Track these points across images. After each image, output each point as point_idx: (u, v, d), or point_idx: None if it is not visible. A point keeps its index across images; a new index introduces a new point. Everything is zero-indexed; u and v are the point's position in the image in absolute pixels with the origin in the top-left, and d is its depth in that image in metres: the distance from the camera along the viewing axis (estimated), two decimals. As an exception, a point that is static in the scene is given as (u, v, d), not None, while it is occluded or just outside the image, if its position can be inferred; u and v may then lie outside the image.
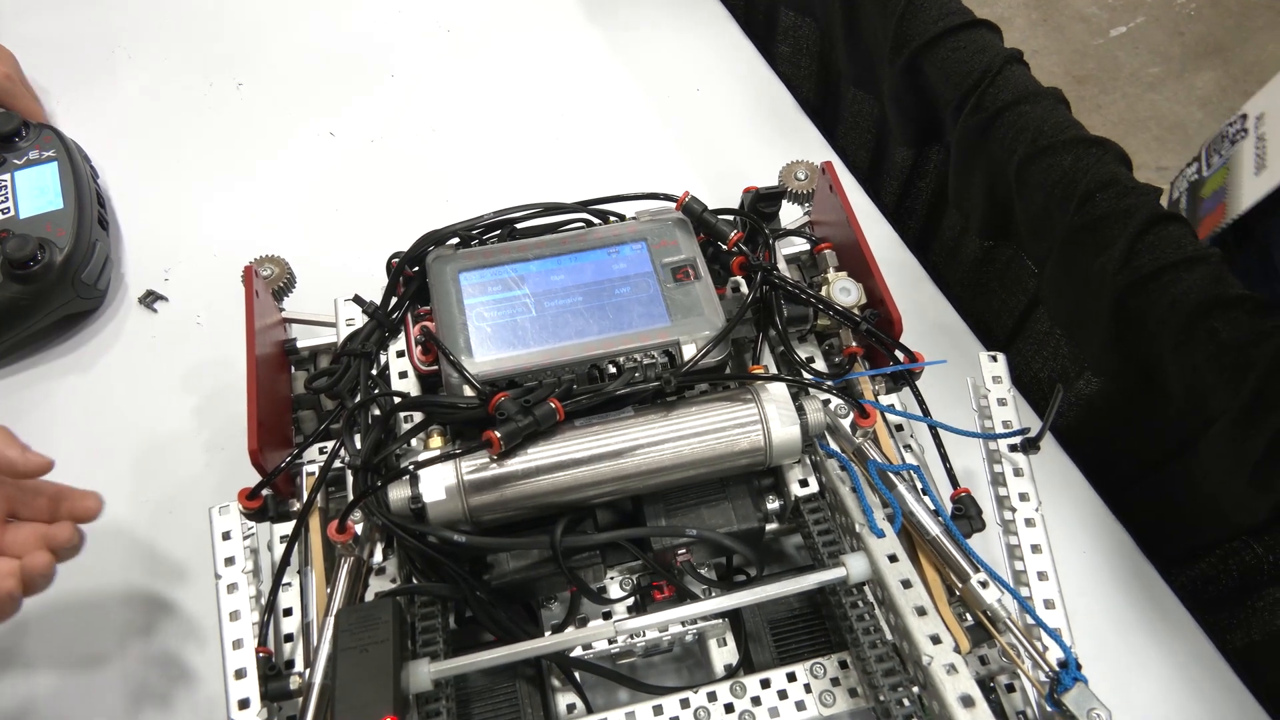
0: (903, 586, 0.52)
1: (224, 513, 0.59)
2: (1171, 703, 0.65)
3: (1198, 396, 0.63)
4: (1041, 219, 0.70)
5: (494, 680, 0.58)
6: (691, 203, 0.64)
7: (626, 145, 0.95)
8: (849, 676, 0.55)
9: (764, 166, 0.77)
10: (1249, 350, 0.58)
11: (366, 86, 0.99)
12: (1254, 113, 0.75)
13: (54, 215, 0.79)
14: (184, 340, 0.82)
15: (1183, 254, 0.62)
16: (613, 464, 0.55)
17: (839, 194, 0.66)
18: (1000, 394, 0.63)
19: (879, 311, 0.63)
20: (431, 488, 0.54)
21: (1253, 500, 0.61)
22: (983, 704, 0.47)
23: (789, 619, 0.60)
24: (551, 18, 1.05)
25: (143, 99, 0.98)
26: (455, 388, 0.57)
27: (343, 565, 0.56)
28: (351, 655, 0.48)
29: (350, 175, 0.93)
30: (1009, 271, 0.81)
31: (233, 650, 0.55)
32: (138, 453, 0.76)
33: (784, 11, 0.98)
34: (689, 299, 0.61)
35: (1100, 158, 0.65)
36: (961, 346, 0.81)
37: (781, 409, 0.56)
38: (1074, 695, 0.50)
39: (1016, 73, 0.70)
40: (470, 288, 0.61)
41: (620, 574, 0.61)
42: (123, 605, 0.69)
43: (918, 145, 0.85)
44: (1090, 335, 0.71)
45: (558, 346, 0.59)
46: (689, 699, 0.54)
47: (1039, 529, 0.59)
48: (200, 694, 0.66)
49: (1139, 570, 0.70)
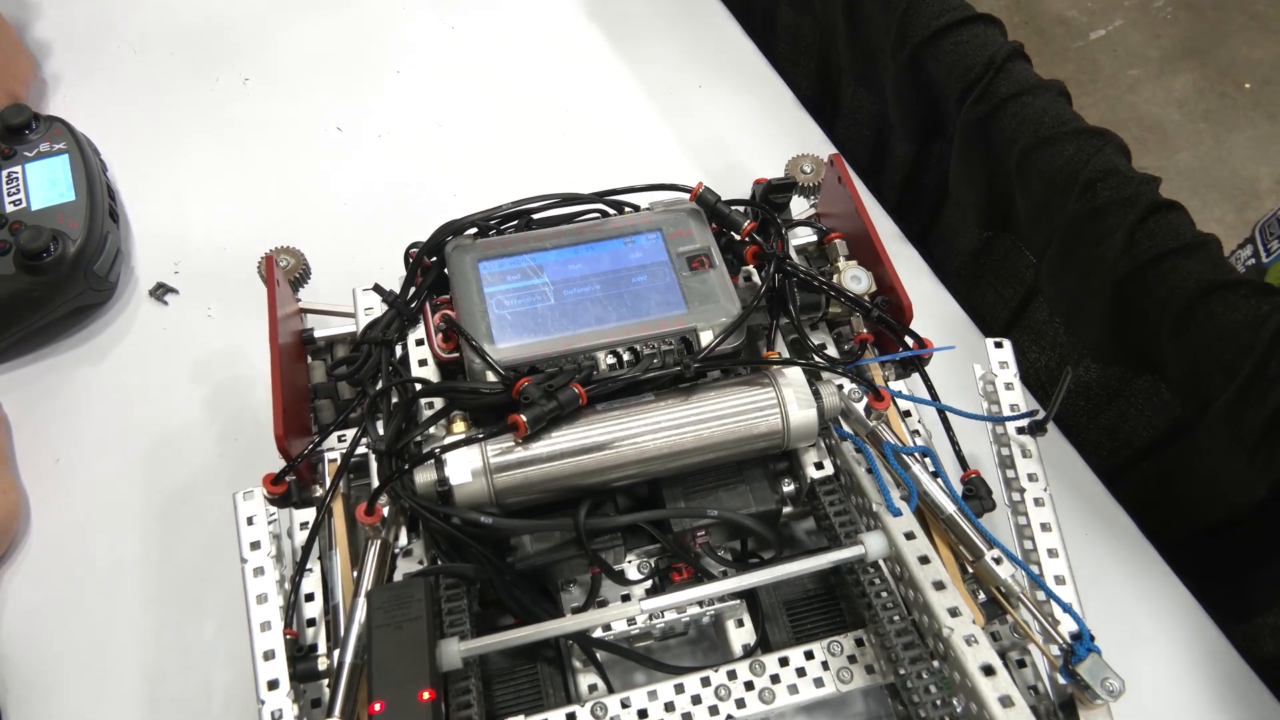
0: (920, 563, 0.53)
1: (248, 498, 0.59)
2: (1176, 683, 0.66)
3: (1196, 380, 0.65)
4: (1042, 208, 0.72)
5: (515, 663, 0.59)
6: (705, 193, 0.65)
7: (629, 142, 0.96)
8: (865, 653, 0.56)
9: (767, 162, 0.79)
10: (1247, 333, 0.60)
11: (373, 82, 1.00)
12: None
13: (66, 207, 0.79)
14: (195, 332, 0.82)
15: (1182, 240, 0.63)
16: (635, 447, 0.56)
17: (848, 185, 0.67)
18: (1007, 378, 0.65)
19: (889, 298, 0.64)
20: (458, 471, 0.55)
21: (1251, 479, 0.63)
22: (1003, 672, 0.48)
23: (803, 599, 0.61)
24: (553, 17, 1.06)
25: (151, 94, 0.98)
26: (478, 374, 0.58)
27: (370, 548, 0.56)
28: (386, 632, 0.49)
29: (358, 170, 0.93)
30: (1006, 263, 0.83)
31: (260, 632, 0.55)
32: (150, 444, 0.77)
33: (783, 9, 1.00)
34: (705, 287, 0.62)
35: (1101, 148, 0.67)
36: (964, 338, 0.82)
37: (798, 393, 0.58)
38: (1088, 665, 0.52)
39: (1019, 66, 0.72)
40: (490, 276, 0.62)
41: (638, 558, 0.61)
42: (138, 594, 0.70)
43: (919, 140, 0.87)
44: (1090, 322, 0.73)
45: (577, 333, 0.60)
46: (709, 677, 0.56)
47: (1048, 508, 0.60)
48: (218, 680, 0.67)
49: (1141, 552, 0.72)
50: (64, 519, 0.73)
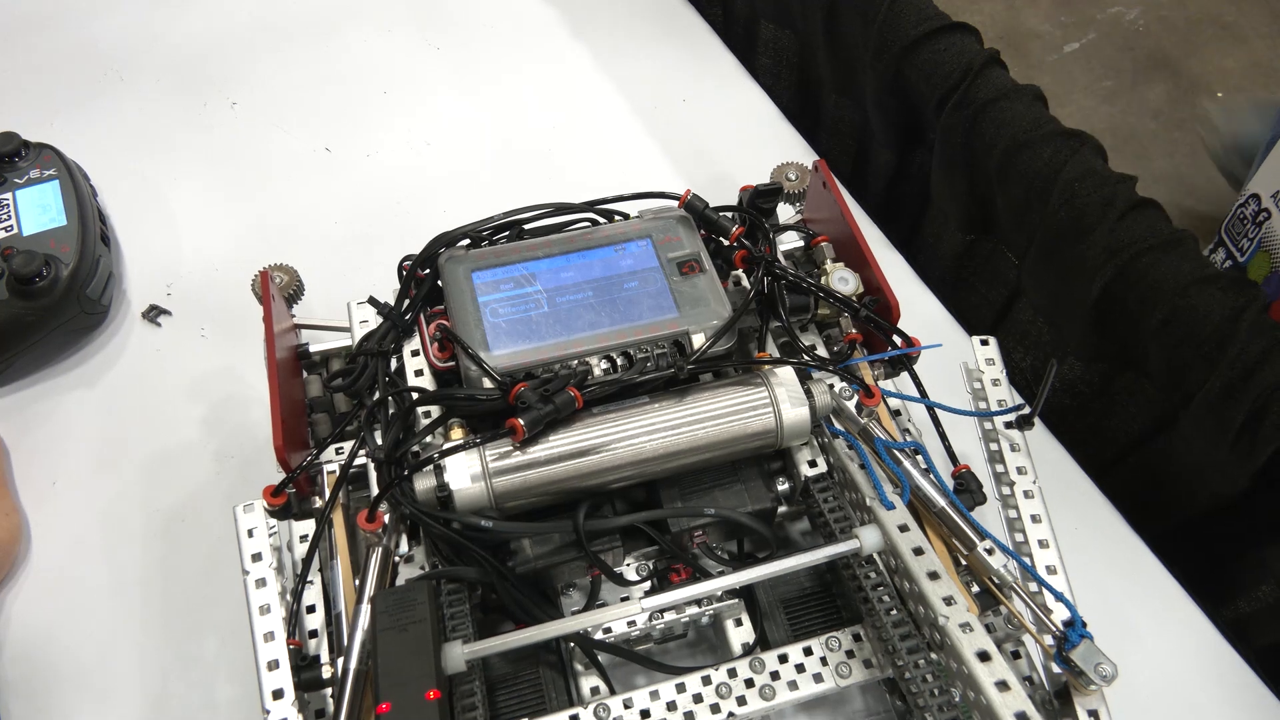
0: (914, 554, 0.54)
1: (248, 510, 0.60)
2: (1167, 671, 0.67)
3: (1178, 372, 0.66)
4: (1022, 211, 0.74)
5: (517, 668, 0.59)
6: (694, 200, 0.67)
7: (616, 156, 0.98)
8: (863, 648, 0.57)
9: (752, 173, 0.79)
10: (1227, 325, 0.61)
11: (360, 103, 1.01)
12: (1265, 191, 0.79)
13: (57, 232, 0.80)
14: (189, 353, 0.83)
15: (1160, 237, 0.65)
16: (631, 448, 0.57)
17: (833, 189, 0.68)
18: (994, 375, 0.66)
19: (877, 299, 0.65)
20: (457, 475, 0.56)
21: (1235, 468, 0.64)
22: (999, 658, 0.49)
23: (800, 597, 0.62)
24: (538, 35, 1.08)
25: (139, 119, 0.99)
26: (474, 381, 0.59)
27: (372, 556, 0.57)
28: (391, 635, 0.49)
29: (348, 189, 0.94)
30: (989, 265, 0.85)
31: (264, 643, 0.56)
32: (147, 464, 0.77)
33: (763, 25, 1.01)
34: (695, 291, 0.63)
35: (1078, 149, 0.69)
36: (950, 340, 0.83)
37: (790, 391, 0.59)
38: (1081, 651, 0.53)
39: (995, 72, 0.74)
40: (483, 285, 0.63)
41: (636, 560, 0.62)
42: (139, 613, 0.70)
43: (900, 148, 0.88)
44: (1073, 321, 0.74)
45: (571, 339, 0.61)
46: (710, 676, 0.56)
47: (1037, 500, 0.61)
48: (221, 696, 0.67)
49: (1129, 545, 0.73)
50: (63, 541, 0.73)
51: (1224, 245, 0.88)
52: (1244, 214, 0.83)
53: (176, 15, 1.08)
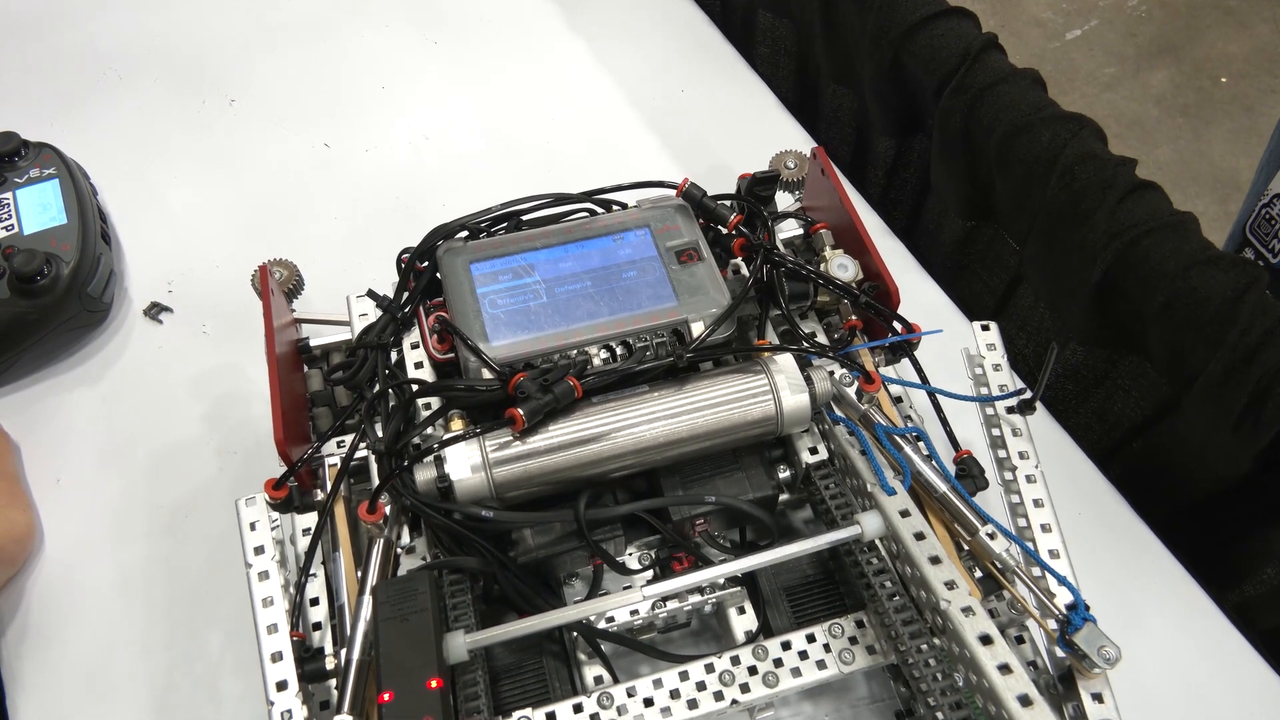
0: (916, 539, 0.54)
1: (250, 504, 0.60)
2: (1171, 654, 0.67)
3: (1180, 355, 0.66)
4: (1022, 195, 0.73)
5: (520, 658, 0.59)
6: (691, 188, 0.66)
7: (615, 147, 0.97)
8: (866, 635, 0.57)
9: (751, 162, 0.79)
10: (1229, 307, 0.61)
11: (358, 99, 1.01)
12: None
13: (58, 230, 0.80)
14: (190, 349, 0.83)
15: (1161, 220, 0.65)
16: (631, 436, 0.57)
17: (831, 176, 0.68)
18: (995, 360, 0.66)
19: (877, 285, 0.65)
20: (457, 466, 0.56)
21: (1237, 451, 0.64)
22: (1000, 641, 0.49)
23: (803, 584, 0.62)
24: (533, 28, 1.08)
25: (138, 118, 0.99)
26: (474, 372, 0.59)
27: (374, 547, 0.57)
28: (393, 625, 0.49)
29: (347, 184, 0.94)
30: (990, 251, 0.84)
31: (268, 635, 0.56)
32: (150, 460, 0.77)
33: (761, 14, 1.01)
34: (694, 279, 0.63)
35: (1077, 133, 0.69)
36: (951, 326, 0.83)
37: (790, 378, 0.59)
38: (1084, 634, 0.53)
39: (994, 56, 0.73)
40: (482, 277, 0.63)
41: (638, 549, 0.62)
42: (144, 608, 0.70)
43: (899, 135, 0.88)
44: (1074, 305, 0.74)
45: (570, 329, 0.61)
46: (714, 664, 0.56)
47: (1040, 484, 0.61)
48: (226, 691, 0.67)
49: (1133, 529, 0.73)
50: (68, 538, 0.74)
51: (1250, 245, 0.87)
52: (1270, 214, 0.83)
53: (175, 14, 1.08)
